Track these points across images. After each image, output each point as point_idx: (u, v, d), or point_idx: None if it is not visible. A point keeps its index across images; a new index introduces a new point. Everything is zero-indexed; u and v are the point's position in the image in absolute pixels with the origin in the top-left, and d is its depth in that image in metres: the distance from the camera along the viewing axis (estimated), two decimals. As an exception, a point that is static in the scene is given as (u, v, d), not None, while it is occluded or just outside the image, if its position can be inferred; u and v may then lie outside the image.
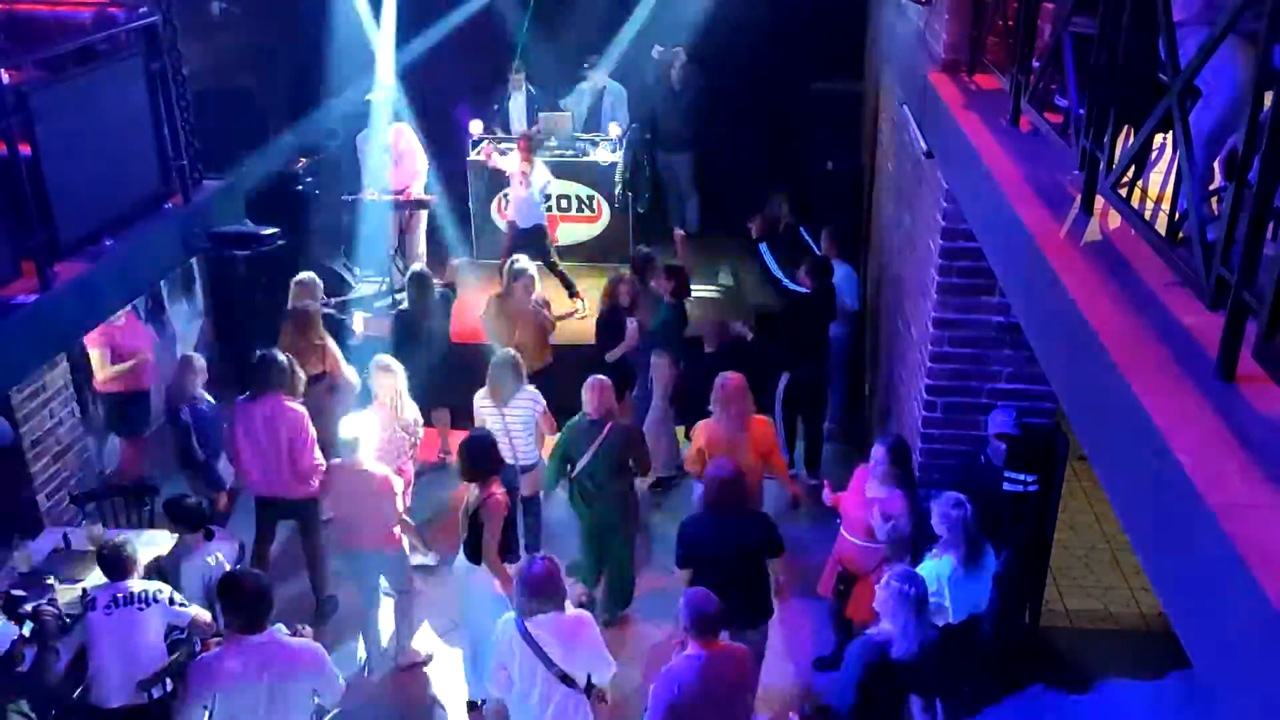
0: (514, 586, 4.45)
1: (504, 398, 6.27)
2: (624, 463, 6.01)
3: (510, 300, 7.42)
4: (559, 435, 6.19)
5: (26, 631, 4.76)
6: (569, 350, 8.20)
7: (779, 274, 7.28)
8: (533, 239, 8.93)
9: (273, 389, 6.08)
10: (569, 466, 6.06)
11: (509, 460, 6.24)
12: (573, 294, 8.99)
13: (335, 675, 4.33)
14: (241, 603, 4.21)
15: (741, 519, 5.09)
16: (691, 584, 5.10)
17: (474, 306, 8.08)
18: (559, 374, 7.73)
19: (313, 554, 6.42)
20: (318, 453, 6.10)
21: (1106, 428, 2.58)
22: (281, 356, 6.27)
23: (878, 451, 5.24)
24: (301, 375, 6.40)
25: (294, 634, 4.45)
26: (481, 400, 6.38)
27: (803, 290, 7.24)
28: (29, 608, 4.78)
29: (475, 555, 5.28)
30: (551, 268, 9.00)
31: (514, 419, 6.29)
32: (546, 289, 8.79)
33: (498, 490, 5.30)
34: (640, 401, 7.63)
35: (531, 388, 6.41)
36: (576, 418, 6.07)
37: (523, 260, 7.65)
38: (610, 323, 7.37)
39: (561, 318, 8.13)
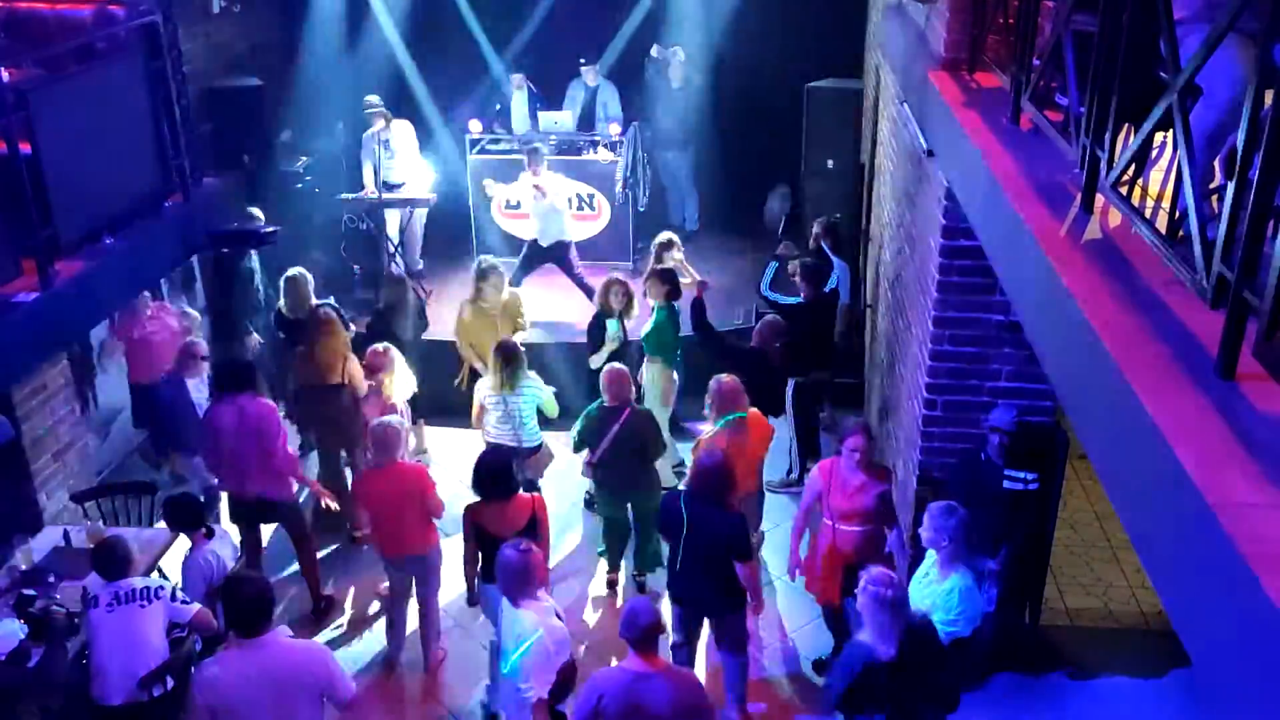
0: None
1: (510, 385, 6.32)
2: (644, 446, 6.11)
3: (482, 301, 7.42)
4: (577, 424, 6.24)
5: (34, 630, 4.77)
6: (566, 348, 8.25)
7: (769, 294, 7.35)
8: (554, 255, 8.89)
9: (241, 389, 6.03)
10: (588, 453, 6.18)
11: (511, 443, 6.34)
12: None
13: (343, 675, 4.26)
14: (241, 606, 4.15)
15: (717, 511, 5.03)
16: (669, 564, 5.21)
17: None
18: (554, 374, 7.75)
19: (305, 556, 6.38)
20: (292, 450, 6.13)
21: (1106, 426, 2.58)
22: (244, 360, 6.32)
23: (858, 442, 5.27)
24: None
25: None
26: (484, 388, 6.45)
27: (792, 301, 7.25)
28: (39, 607, 4.78)
29: None
30: (579, 283, 8.89)
31: (517, 404, 6.36)
32: (571, 304, 8.85)
33: (535, 496, 5.30)
34: None
35: (534, 374, 6.51)
36: (594, 405, 6.16)
37: (489, 258, 7.67)
38: (599, 326, 7.29)
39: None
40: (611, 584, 6.61)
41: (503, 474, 5.20)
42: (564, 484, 7.20)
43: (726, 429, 5.79)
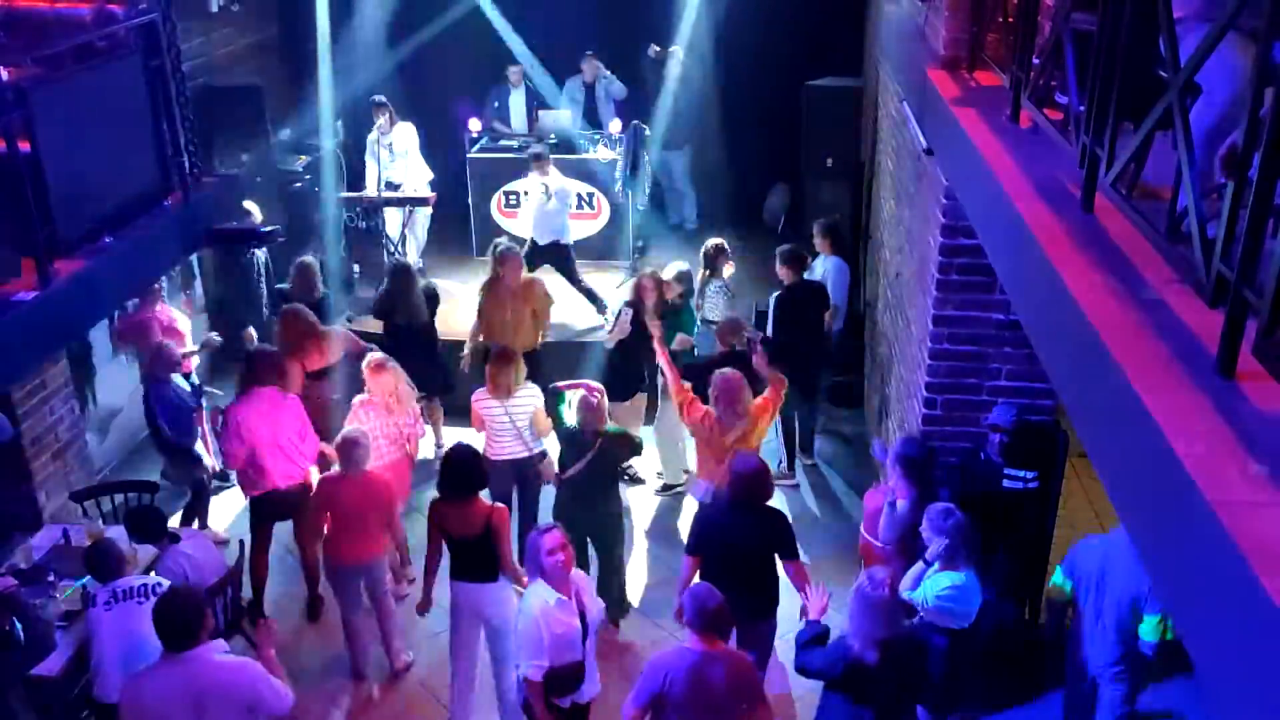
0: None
1: (507, 391, 6.22)
2: (614, 474, 5.94)
3: (501, 284, 7.41)
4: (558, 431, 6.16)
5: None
6: (576, 345, 8.25)
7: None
8: (552, 256, 8.83)
9: (262, 384, 6.05)
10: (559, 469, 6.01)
11: (523, 454, 6.27)
12: (601, 309, 8.84)
13: (275, 691, 4.16)
14: (162, 623, 4.14)
15: (757, 517, 5.05)
16: (700, 575, 5.08)
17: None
18: (563, 369, 7.74)
19: (307, 552, 6.32)
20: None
21: (1106, 425, 2.58)
22: (269, 350, 6.31)
23: (895, 447, 5.27)
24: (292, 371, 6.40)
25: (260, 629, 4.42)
26: (482, 396, 6.31)
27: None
28: None
29: (491, 572, 5.16)
30: (576, 285, 8.87)
31: (518, 411, 6.25)
32: (570, 306, 8.82)
33: (496, 506, 5.25)
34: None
35: (531, 383, 6.39)
36: (571, 426, 5.97)
37: (504, 240, 7.65)
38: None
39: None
40: None
41: (468, 472, 5.16)
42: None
43: (720, 420, 5.78)
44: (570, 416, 5.94)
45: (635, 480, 7.58)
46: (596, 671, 4.74)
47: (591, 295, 8.89)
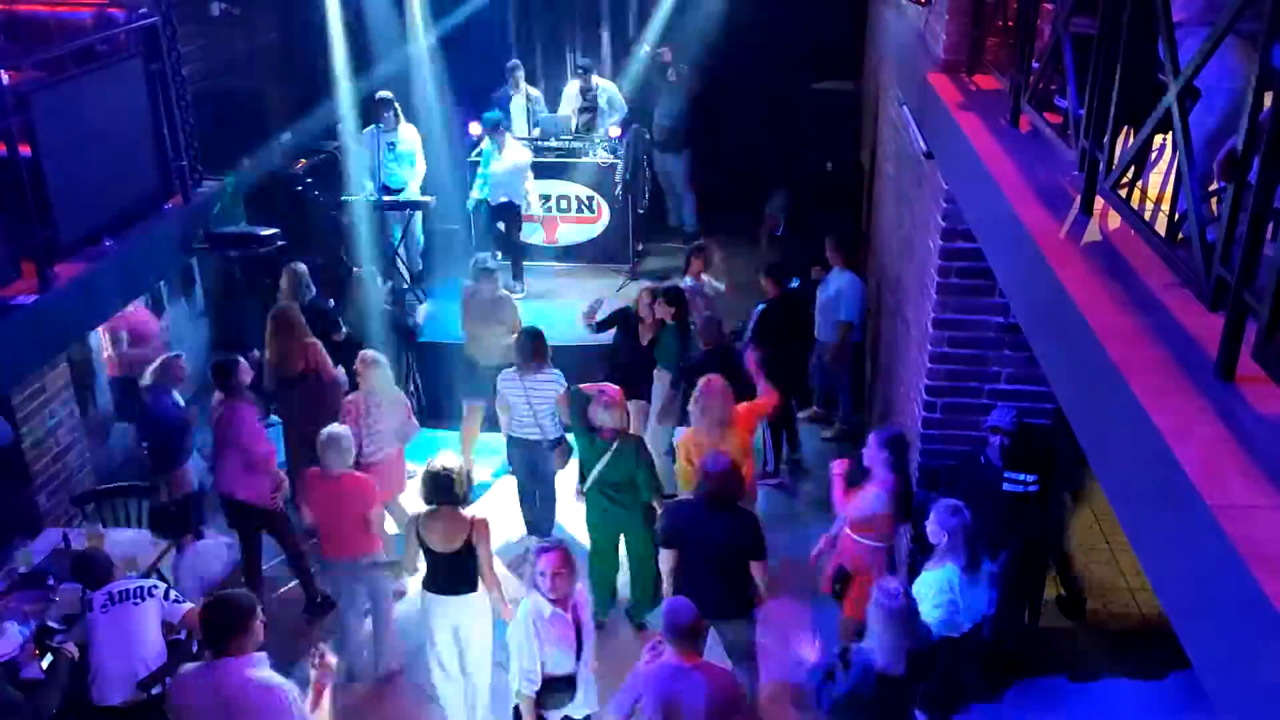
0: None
1: (529, 371, 6.32)
2: (636, 472, 5.94)
3: (479, 296, 7.49)
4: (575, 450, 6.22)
5: (45, 664, 4.73)
6: (572, 350, 8.24)
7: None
8: (502, 215, 9.22)
9: (228, 394, 6.10)
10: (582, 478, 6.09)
11: (536, 437, 6.34)
12: (517, 276, 9.38)
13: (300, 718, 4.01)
14: (204, 624, 4.09)
15: (729, 515, 5.06)
16: (676, 568, 5.17)
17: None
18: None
19: (293, 559, 6.36)
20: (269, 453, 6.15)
21: (1106, 428, 2.58)
22: (235, 361, 6.31)
23: (871, 439, 5.30)
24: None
25: (318, 656, 4.19)
26: (505, 378, 6.44)
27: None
28: (58, 642, 4.75)
29: (471, 584, 5.12)
30: (512, 249, 9.30)
31: (536, 393, 6.32)
32: (568, 312, 8.80)
33: (475, 513, 5.21)
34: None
35: (555, 369, 6.45)
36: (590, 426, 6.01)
37: (484, 256, 7.81)
38: (623, 321, 7.37)
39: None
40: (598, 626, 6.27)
41: (448, 483, 5.05)
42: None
43: (700, 427, 5.76)
44: (593, 417, 5.92)
45: None
46: (594, 689, 4.68)
47: (518, 266, 9.38)
